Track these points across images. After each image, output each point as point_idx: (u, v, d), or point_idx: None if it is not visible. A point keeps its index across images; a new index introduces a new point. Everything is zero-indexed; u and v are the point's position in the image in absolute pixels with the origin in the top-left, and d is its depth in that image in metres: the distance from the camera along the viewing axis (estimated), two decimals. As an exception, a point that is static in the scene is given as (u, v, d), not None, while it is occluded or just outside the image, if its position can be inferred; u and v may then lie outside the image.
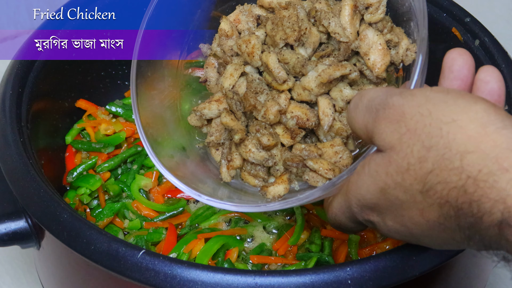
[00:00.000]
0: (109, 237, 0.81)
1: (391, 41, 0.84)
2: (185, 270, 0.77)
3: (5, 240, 0.93)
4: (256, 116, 0.84)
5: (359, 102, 0.70)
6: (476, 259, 0.94)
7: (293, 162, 0.82)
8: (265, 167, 0.86)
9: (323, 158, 0.82)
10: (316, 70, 0.83)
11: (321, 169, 0.80)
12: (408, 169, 0.64)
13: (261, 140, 0.82)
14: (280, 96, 0.85)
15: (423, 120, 0.63)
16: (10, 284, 1.22)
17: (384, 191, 0.67)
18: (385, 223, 0.70)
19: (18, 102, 1.02)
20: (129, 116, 1.19)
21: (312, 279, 0.76)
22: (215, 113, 0.88)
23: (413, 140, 0.63)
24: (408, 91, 0.66)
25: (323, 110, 0.83)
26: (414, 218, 0.66)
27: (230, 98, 0.86)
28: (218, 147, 0.90)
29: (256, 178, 0.86)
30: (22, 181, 0.90)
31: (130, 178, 1.10)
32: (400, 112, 0.65)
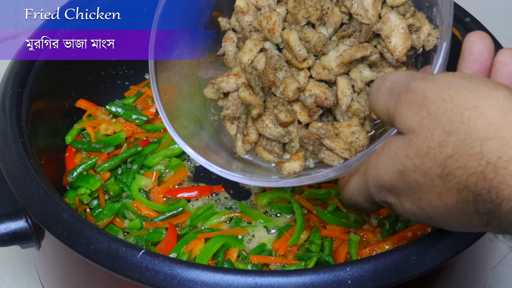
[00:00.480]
0: (109, 237, 0.81)
1: (413, 26, 0.84)
2: (185, 270, 0.77)
3: (5, 240, 0.93)
4: (275, 92, 0.84)
5: (382, 85, 0.71)
6: (476, 259, 0.94)
7: (309, 140, 0.82)
8: (281, 143, 0.86)
9: (340, 138, 0.83)
10: (337, 50, 0.84)
11: (338, 148, 0.80)
12: (428, 153, 0.64)
13: (279, 116, 0.83)
14: (299, 73, 0.85)
15: (444, 105, 0.63)
16: (10, 284, 1.22)
17: (403, 174, 0.67)
18: (402, 205, 0.70)
19: (18, 102, 1.02)
20: (129, 116, 1.19)
21: (312, 279, 0.76)
22: (233, 87, 0.88)
23: (433, 124, 0.64)
24: (430, 76, 0.67)
25: (342, 90, 0.84)
26: (431, 202, 0.67)
27: (249, 73, 0.86)
28: (233, 121, 0.90)
29: (271, 153, 0.86)
30: (22, 181, 0.90)
31: (130, 178, 1.10)
32: (422, 96, 0.65)
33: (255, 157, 0.90)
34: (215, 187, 1.11)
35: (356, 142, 0.83)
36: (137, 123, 1.19)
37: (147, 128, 1.19)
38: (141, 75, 1.32)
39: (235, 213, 1.06)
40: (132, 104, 1.24)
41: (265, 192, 1.08)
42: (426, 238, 0.81)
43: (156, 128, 1.19)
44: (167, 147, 1.15)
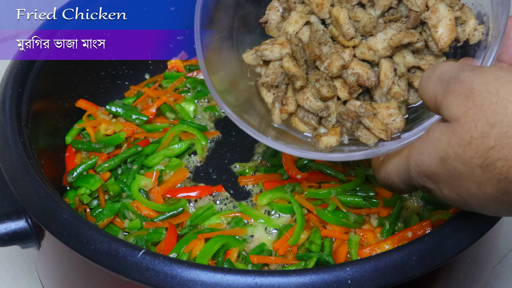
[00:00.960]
0: (109, 237, 0.81)
1: (459, 18, 0.86)
2: (185, 270, 0.77)
3: (5, 240, 0.93)
4: (319, 66, 0.85)
5: (432, 73, 0.73)
6: (476, 259, 0.94)
7: (348, 117, 0.83)
8: (317, 117, 0.87)
9: (377, 118, 0.84)
10: (385, 33, 0.85)
11: (375, 128, 0.82)
12: (470, 143, 0.67)
13: (321, 91, 0.84)
14: (345, 51, 0.86)
15: (490, 98, 0.66)
16: (10, 284, 1.22)
17: (444, 161, 0.70)
18: (441, 191, 0.73)
19: (18, 102, 1.02)
20: (129, 116, 1.19)
21: (312, 279, 0.76)
22: (276, 56, 0.89)
23: (478, 115, 0.66)
24: (479, 68, 0.69)
25: (385, 72, 0.85)
26: (470, 190, 0.69)
27: (295, 44, 0.87)
28: (270, 89, 0.92)
29: (306, 125, 0.88)
30: (22, 181, 0.90)
31: (130, 178, 1.10)
32: (469, 87, 0.68)
33: (288, 126, 0.91)
34: (215, 187, 1.11)
35: (392, 124, 0.84)
36: (137, 123, 1.19)
37: (147, 128, 1.19)
38: (141, 75, 1.32)
39: (235, 213, 1.07)
40: (132, 104, 1.24)
41: (265, 192, 1.08)
42: (426, 238, 0.81)
43: (156, 128, 1.19)
44: (167, 147, 1.15)
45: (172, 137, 1.16)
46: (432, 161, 0.71)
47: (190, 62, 1.33)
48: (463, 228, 0.82)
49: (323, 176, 1.08)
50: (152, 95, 1.24)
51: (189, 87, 1.27)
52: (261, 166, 1.14)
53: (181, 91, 1.27)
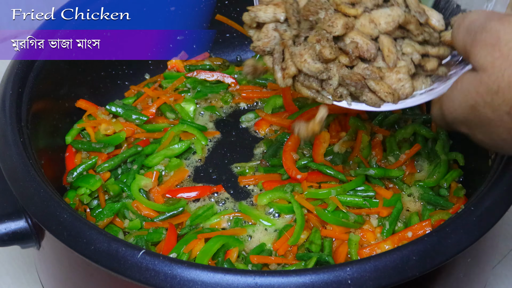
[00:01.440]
0: (109, 237, 0.81)
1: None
2: (185, 270, 0.77)
3: (5, 240, 0.93)
4: (321, 25, 0.82)
5: (462, 22, 0.75)
6: (476, 259, 0.94)
7: (352, 80, 0.81)
8: (319, 80, 0.84)
9: (384, 81, 0.82)
10: (392, 10, 0.83)
11: (381, 91, 0.81)
12: (498, 92, 0.69)
13: (323, 52, 0.81)
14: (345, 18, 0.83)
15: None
16: (10, 284, 1.22)
17: (474, 108, 0.73)
18: (475, 135, 0.77)
19: (18, 102, 1.02)
20: (129, 116, 1.19)
21: (312, 279, 0.76)
22: (270, 17, 0.86)
23: (505, 65, 0.68)
24: (506, 18, 0.70)
25: (388, 47, 0.82)
26: (501, 135, 0.73)
27: (289, 4, 0.84)
28: (264, 55, 0.88)
29: (309, 89, 0.85)
30: (22, 181, 0.90)
31: (130, 178, 1.10)
32: (496, 37, 0.70)
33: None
34: (215, 187, 1.11)
35: (400, 89, 0.82)
36: (137, 123, 1.19)
37: (147, 128, 1.19)
38: (141, 75, 1.32)
39: (235, 213, 1.06)
40: (132, 104, 1.24)
41: (265, 192, 1.08)
42: (426, 238, 0.81)
43: (156, 128, 1.19)
44: (167, 147, 1.15)
45: (172, 137, 1.16)
46: (463, 109, 0.75)
47: (190, 62, 1.33)
48: (463, 228, 0.82)
49: (323, 176, 1.08)
50: (152, 95, 1.24)
51: (189, 87, 1.27)
52: (261, 166, 1.14)
53: (181, 91, 1.27)
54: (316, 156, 1.11)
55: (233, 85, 1.27)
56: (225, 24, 1.35)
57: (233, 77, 1.28)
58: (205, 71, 1.29)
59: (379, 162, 1.11)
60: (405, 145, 1.14)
